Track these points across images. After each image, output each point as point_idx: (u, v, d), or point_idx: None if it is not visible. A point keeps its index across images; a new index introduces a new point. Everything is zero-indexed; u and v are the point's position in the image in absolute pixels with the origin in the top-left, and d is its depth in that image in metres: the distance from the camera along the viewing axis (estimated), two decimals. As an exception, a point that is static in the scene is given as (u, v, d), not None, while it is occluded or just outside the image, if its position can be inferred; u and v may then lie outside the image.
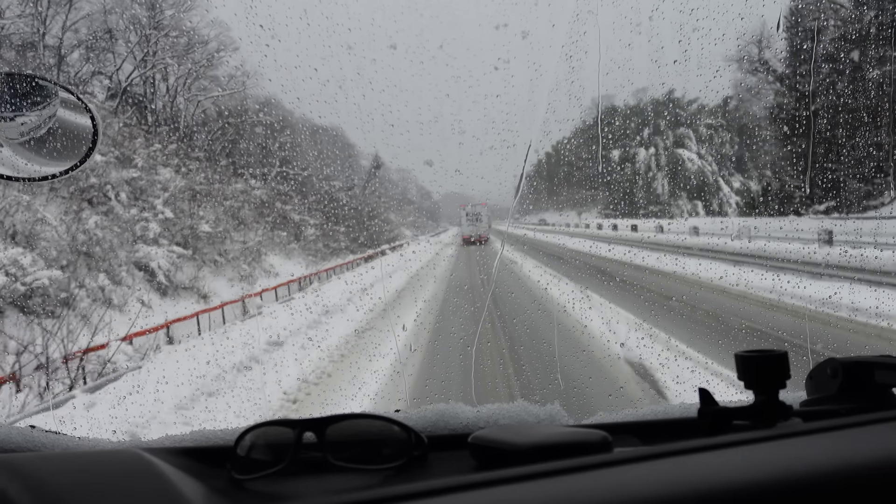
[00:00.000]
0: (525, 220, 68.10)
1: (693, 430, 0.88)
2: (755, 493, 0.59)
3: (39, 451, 0.96)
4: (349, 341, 11.12)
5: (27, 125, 1.31)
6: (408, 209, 56.46)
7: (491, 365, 8.20)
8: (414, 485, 0.59)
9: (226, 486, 0.88)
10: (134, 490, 0.78)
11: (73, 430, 1.28)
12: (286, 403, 7.62)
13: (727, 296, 12.72)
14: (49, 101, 1.32)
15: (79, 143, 1.32)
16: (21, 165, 1.30)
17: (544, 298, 13.93)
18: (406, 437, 0.91)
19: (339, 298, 15.48)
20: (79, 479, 0.78)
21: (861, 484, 0.63)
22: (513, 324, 11.19)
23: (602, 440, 0.81)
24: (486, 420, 1.00)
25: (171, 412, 7.24)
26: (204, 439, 1.01)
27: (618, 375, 7.42)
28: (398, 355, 9.06)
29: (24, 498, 0.70)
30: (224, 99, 30.58)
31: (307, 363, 9.29)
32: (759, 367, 0.84)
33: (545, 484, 0.59)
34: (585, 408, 5.99)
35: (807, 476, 0.62)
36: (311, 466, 0.90)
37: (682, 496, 0.58)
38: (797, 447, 0.70)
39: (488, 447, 0.84)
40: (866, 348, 7.09)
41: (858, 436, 0.72)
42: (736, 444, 0.69)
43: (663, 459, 0.65)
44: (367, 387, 7.79)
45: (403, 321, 11.55)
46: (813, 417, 0.85)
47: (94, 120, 1.30)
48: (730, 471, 0.63)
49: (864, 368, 0.97)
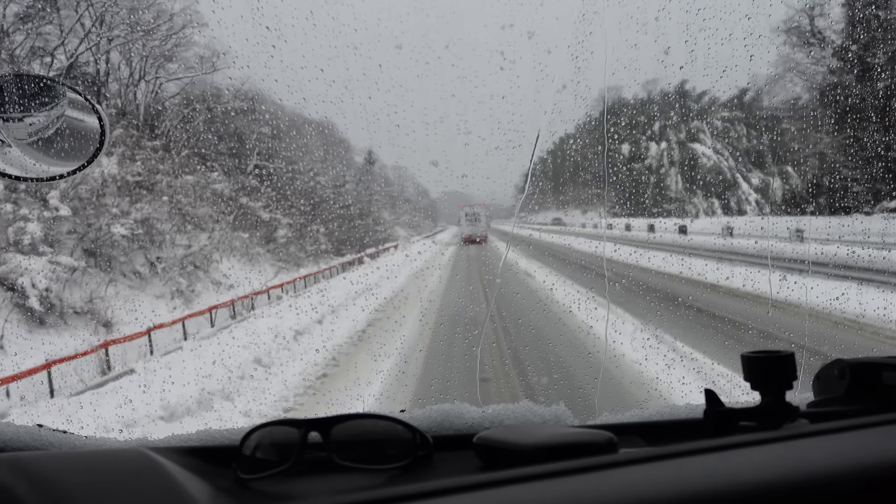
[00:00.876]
0: (529, 220, 66.76)
1: (699, 431, 0.88)
2: (762, 495, 0.59)
3: (47, 450, 0.97)
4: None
5: (35, 126, 1.32)
6: (404, 207, 53.66)
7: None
8: (419, 485, 0.59)
9: (231, 486, 0.88)
10: (140, 489, 0.79)
11: (81, 430, 1.28)
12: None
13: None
14: (57, 102, 1.33)
15: (86, 144, 1.33)
16: (29, 165, 1.31)
17: (585, 341, 9.76)
18: (411, 437, 0.91)
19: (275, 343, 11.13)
20: (86, 477, 0.79)
21: (868, 486, 0.62)
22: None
23: (607, 441, 0.81)
24: (491, 420, 1.00)
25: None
26: (210, 439, 1.01)
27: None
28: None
29: (32, 496, 0.70)
30: (194, 84, 26.17)
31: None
32: (766, 368, 0.84)
33: (550, 484, 0.59)
34: (591, 409, 5.95)
35: (814, 478, 0.62)
36: (317, 466, 0.91)
37: (688, 497, 0.58)
38: (804, 448, 0.70)
39: (493, 447, 0.84)
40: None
41: (866, 437, 0.72)
42: (742, 446, 0.69)
43: (669, 460, 0.65)
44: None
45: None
46: (820, 419, 0.85)
47: (101, 120, 1.31)
48: (736, 472, 0.63)
49: (872, 370, 0.97)
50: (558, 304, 12.95)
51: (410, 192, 58.77)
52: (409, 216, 53.74)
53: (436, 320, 12.30)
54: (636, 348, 9.06)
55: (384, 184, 45.91)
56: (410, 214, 54.27)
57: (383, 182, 45.73)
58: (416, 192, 60.28)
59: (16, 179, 1.31)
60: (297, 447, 0.90)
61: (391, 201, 47.64)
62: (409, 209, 54.74)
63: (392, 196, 48.36)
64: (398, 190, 52.84)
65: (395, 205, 49.26)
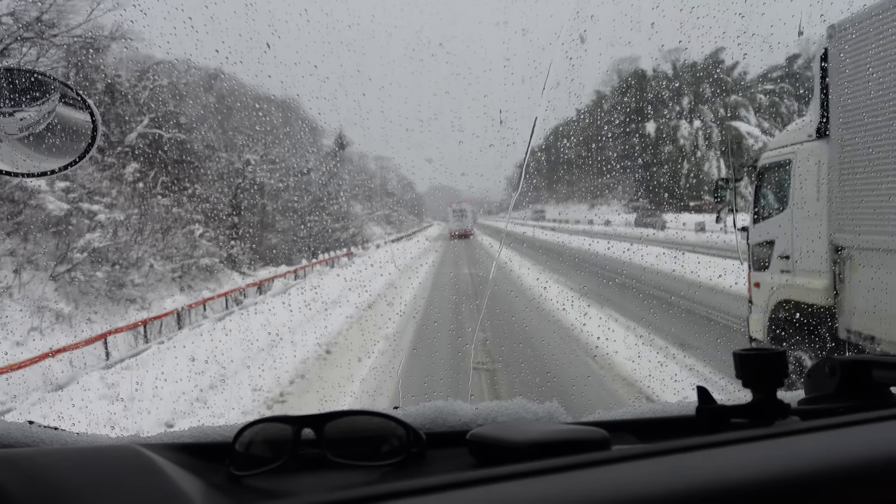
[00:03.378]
0: (525, 217, 63.92)
1: (691, 428, 0.88)
2: (753, 492, 0.59)
3: (38, 447, 0.96)
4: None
5: (26, 120, 1.31)
6: (386, 202, 46.38)
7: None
8: (412, 481, 0.59)
9: (224, 483, 0.88)
10: (132, 486, 0.78)
11: (72, 426, 1.28)
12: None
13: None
14: (48, 97, 1.32)
15: (77, 139, 1.32)
16: (20, 161, 1.30)
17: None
18: (404, 433, 0.91)
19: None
20: (77, 474, 0.78)
21: (859, 482, 0.63)
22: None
23: (600, 438, 0.81)
24: (484, 417, 1.00)
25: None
26: (202, 435, 1.01)
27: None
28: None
29: (23, 493, 0.70)
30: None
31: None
32: (758, 365, 0.84)
33: (543, 481, 0.59)
34: (584, 406, 5.97)
35: (805, 474, 0.62)
36: (310, 463, 0.91)
37: (680, 494, 0.58)
38: (795, 445, 0.70)
39: (487, 444, 0.85)
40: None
41: (856, 434, 0.72)
42: (734, 443, 0.69)
43: (661, 457, 0.65)
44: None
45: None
46: (811, 416, 0.85)
47: (93, 116, 1.30)
48: (727, 469, 0.63)
49: (863, 367, 0.98)
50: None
51: (393, 185, 52.42)
52: (387, 210, 47.13)
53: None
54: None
55: (366, 176, 40.25)
56: (389, 209, 47.61)
57: (364, 175, 40.10)
58: (399, 186, 53.99)
59: (6, 175, 1.30)
60: (291, 444, 0.90)
61: (367, 193, 41.04)
62: (392, 203, 48.43)
63: (369, 188, 42.13)
64: (380, 183, 46.67)
65: (371, 197, 42.49)
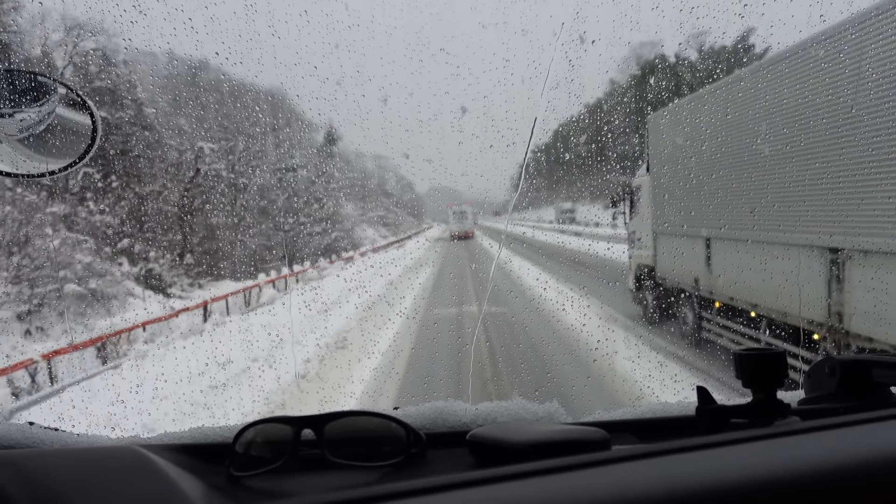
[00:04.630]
0: (525, 218, 62.87)
1: (691, 428, 0.88)
2: (753, 491, 0.59)
3: (38, 448, 0.96)
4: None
5: (26, 121, 1.31)
6: (381, 202, 43.60)
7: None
8: (412, 482, 0.59)
9: (224, 483, 0.88)
10: (133, 487, 0.78)
11: (72, 427, 1.27)
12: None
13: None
14: (48, 98, 1.32)
15: (77, 140, 1.32)
16: (20, 162, 1.30)
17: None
18: (404, 434, 0.91)
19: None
20: (78, 475, 0.78)
21: (859, 482, 0.63)
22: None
23: (600, 438, 0.81)
24: (484, 418, 1.00)
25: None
26: (202, 436, 1.01)
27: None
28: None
29: (23, 494, 0.70)
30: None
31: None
32: (758, 365, 0.84)
33: (543, 481, 0.60)
34: (584, 406, 5.96)
35: (804, 474, 0.62)
36: (310, 463, 0.91)
37: (680, 494, 0.58)
38: (795, 445, 0.70)
39: (487, 445, 0.85)
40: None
41: (856, 434, 0.72)
42: (734, 443, 0.69)
43: (661, 457, 0.65)
44: None
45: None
46: (811, 416, 0.85)
47: (93, 117, 1.30)
48: (727, 469, 0.64)
49: (862, 367, 0.98)
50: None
51: (392, 185, 50.24)
52: (383, 211, 44.83)
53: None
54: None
55: (362, 175, 37.99)
56: (385, 210, 45.29)
57: (363, 174, 38.23)
58: (398, 186, 51.68)
59: (7, 176, 1.30)
60: (291, 444, 0.90)
61: (361, 192, 38.74)
62: (390, 204, 46.28)
63: (366, 188, 40.00)
64: (378, 184, 44.77)
65: (365, 197, 40.04)
